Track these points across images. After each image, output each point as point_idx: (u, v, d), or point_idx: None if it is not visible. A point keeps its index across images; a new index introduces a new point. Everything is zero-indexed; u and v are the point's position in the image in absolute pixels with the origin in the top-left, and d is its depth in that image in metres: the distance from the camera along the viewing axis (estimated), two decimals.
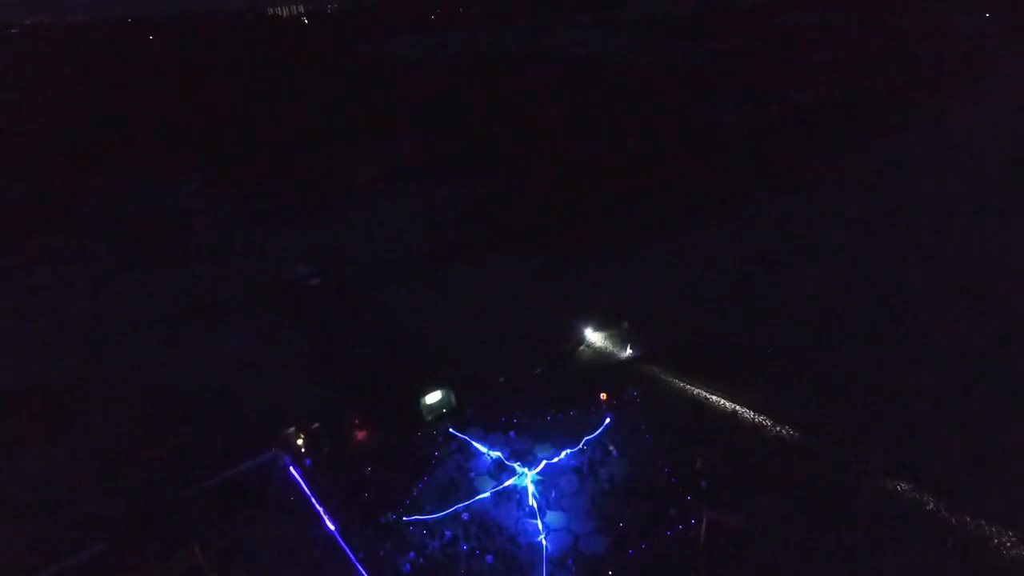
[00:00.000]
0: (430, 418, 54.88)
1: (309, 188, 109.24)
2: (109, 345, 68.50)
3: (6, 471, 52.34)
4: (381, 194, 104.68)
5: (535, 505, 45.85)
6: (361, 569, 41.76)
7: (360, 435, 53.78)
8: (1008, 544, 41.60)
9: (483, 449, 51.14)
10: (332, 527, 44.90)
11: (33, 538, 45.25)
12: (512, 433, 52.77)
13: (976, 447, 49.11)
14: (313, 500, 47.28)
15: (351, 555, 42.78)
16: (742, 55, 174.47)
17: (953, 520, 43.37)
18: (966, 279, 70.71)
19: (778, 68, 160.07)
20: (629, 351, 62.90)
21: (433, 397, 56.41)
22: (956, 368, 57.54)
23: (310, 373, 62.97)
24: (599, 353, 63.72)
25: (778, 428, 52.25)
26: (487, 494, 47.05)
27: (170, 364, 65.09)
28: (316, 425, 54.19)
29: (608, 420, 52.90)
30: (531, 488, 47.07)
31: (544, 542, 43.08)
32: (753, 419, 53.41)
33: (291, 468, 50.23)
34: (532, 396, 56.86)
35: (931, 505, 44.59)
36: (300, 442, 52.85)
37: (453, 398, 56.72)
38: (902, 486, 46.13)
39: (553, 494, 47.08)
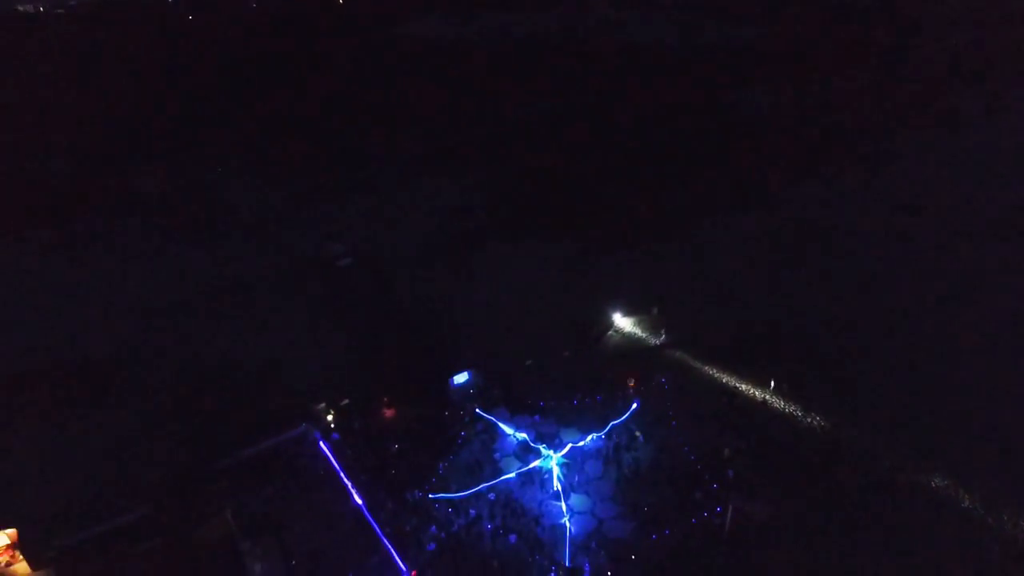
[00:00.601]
0: (457, 398, 55.38)
1: (343, 169, 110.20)
2: (149, 320, 70.53)
3: (54, 438, 54.57)
4: (414, 176, 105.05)
5: (559, 488, 46.12)
6: (387, 543, 42.62)
7: (388, 413, 54.60)
8: None
9: (509, 431, 51.51)
10: (359, 501, 45.84)
11: (78, 500, 47.24)
12: (538, 416, 52.99)
13: (1018, 445, 47.63)
14: (341, 474, 48.29)
15: (377, 529, 43.67)
16: (777, 38, 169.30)
17: (990, 520, 42.27)
18: (1005, 270, 68.17)
19: (814, 52, 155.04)
20: (659, 337, 62.40)
21: (461, 378, 56.95)
22: (996, 363, 55.72)
23: (341, 351, 63.97)
24: (628, 338, 63.36)
25: (809, 419, 51.44)
26: (512, 475, 47.46)
27: (206, 339, 66.79)
28: (346, 402, 55.18)
29: (635, 405, 52.71)
30: (556, 471, 47.32)
31: (568, 524, 43.36)
32: (784, 408, 52.64)
33: (321, 443, 51.32)
34: (559, 380, 56.92)
35: (967, 503, 43.52)
36: (330, 418, 53.92)
37: (480, 379, 57.15)
38: (937, 482, 45.08)
39: (578, 477, 47.28)
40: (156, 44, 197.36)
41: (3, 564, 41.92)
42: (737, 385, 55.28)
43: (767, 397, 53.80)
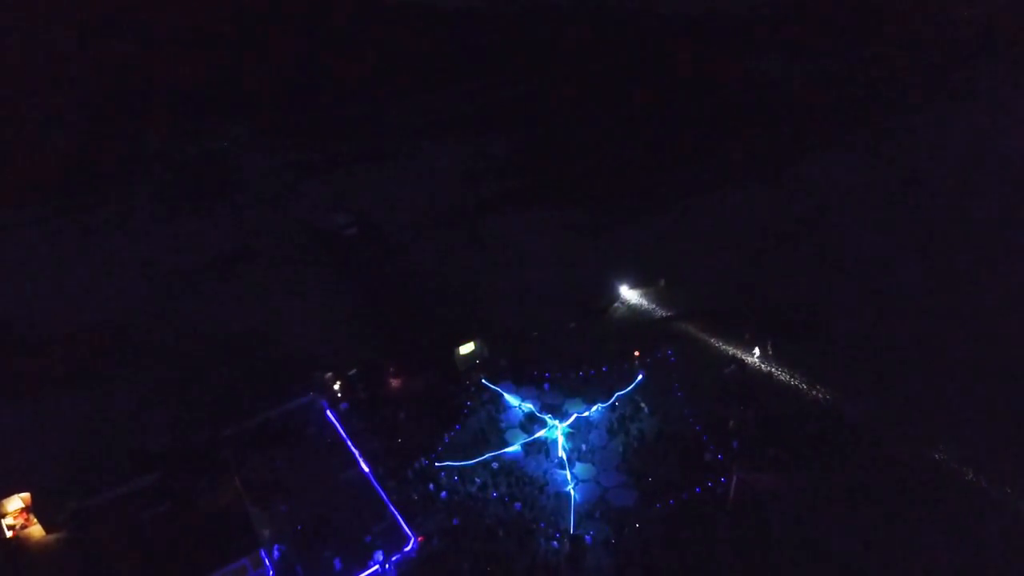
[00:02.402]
0: (464, 369, 55.55)
1: (351, 138, 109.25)
2: (160, 289, 70.81)
3: (69, 404, 55.22)
4: (421, 146, 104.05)
5: (564, 457, 46.45)
6: (393, 510, 43.19)
7: (395, 382, 54.88)
8: None
9: (515, 401, 51.74)
10: (366, 468, 46.35)
11: (93, 466, 48.01)
12: (545, 386, 53.16)
13: (1018, 419, 47.51)
14: (348, 442, 48.76)
15: (384, 496, 44.21)
16: (791, 7, 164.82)
17: (993, 493, 42.39)
18: (1004, 247, 67.21)
19: (829, 23, 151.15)
20: (665, 309, 62.16)
21: (467, 348, 57.00)
22: (997, 339, 55.32)
23: (348, 320, 64.14)
24: (634, 311, 63.17)
25: (814, 392, 51.41)
26: (517, 445, 47.79)
27: (216, 308, 67.05)
28: (353, 371, 55.46)
29: (640, 377, 52.76)
30: (561, 440, 47.62)
31: (572, 493, 43.76)
32: (789, 381, 52.61)
33: (328, 411, 51.74)
34: (565, 351, 56.97)
35: (969, 475, 43.62)
36: (337, 387, 54.25)
37: (487, 350, 57.23)
38: (940, 456, 45.14)
39: (583, 447, 47.59)
40: (164, 10, 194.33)
41: (18, 526, 42.78)
42: (742, 357, 55.16)
43: (765, 365, 53.84)
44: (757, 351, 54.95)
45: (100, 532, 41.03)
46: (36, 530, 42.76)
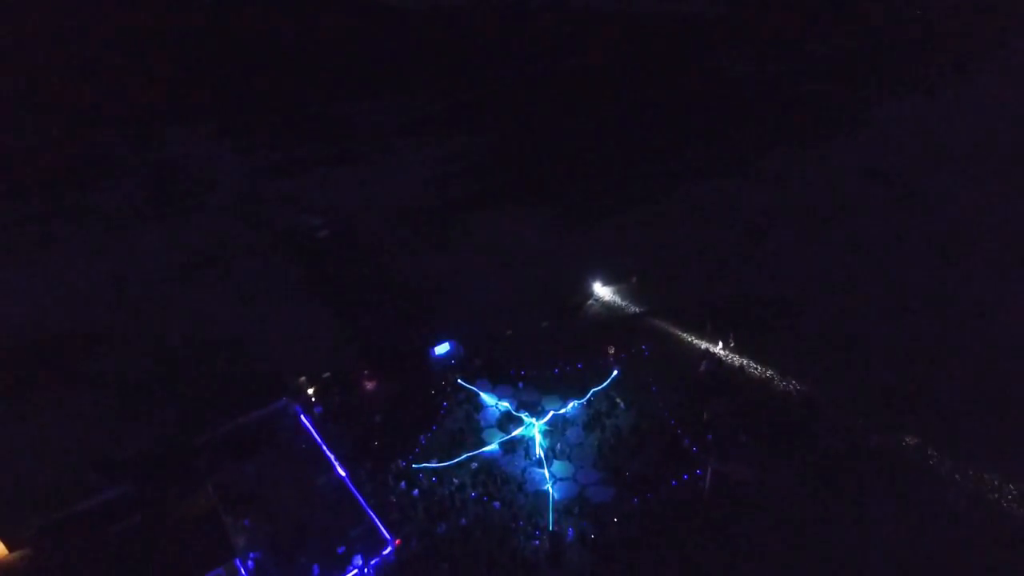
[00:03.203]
0: (439, 369, 55.31)
1: (321, 138, 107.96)
2: (127, 296, 69.12)
3: (33, 415, 53.54)
4: (392, 145, 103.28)
5: (542, 455, 46.55)
6: (371, 513, 42.80)
7: (370, 385, 54.41)
8: (1009, 498, 42.00)
9: (491, 400, 51.70)
10: (343, 473, 45.86)
11: (58, 478, 46.61)
12: (520, 384, 53.21)
13: (981, 404, 49.06)
14: (324, 447, 48.18)
15: (361, 500, 43.79)
16: (759, 4, 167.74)
17: (957, 476, 43.69)
18: (977, 238, 69.33)
19: (796, 18, 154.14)
20: (638, 305, 62.70)
21: (442, 348, 56.84)
22: (963, 329, 57.02)
23: (321, 324, 63.37)
24: (608, 307, 63.59)
25: (785, 383, 52.35)
26: (495, 444, 47.76)
27: (186, 313, 65.71)
28: (327, 375, 54.84)
29: (615, 373, 53.14)
30: (538, 438, 47.70)
31: (551, 490, 43.88)
32: (761, 374, 53.49)
33: (302, 416, 51.07)
34: (540, 349, 57.10)
35: (935, 460, 44.88)
36: (311, 391, 53.59)
37: (462, 350, 57.09)
38: (908, 442, 46.35)
39: (560, 445, 47.73)
40: (129, 14, 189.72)
41: None
42: (715, 351, 55.92)
43: (730, 357, 54.68)
44: (720, 344, 55.70)
45: (68, 548, 39.84)
46: None
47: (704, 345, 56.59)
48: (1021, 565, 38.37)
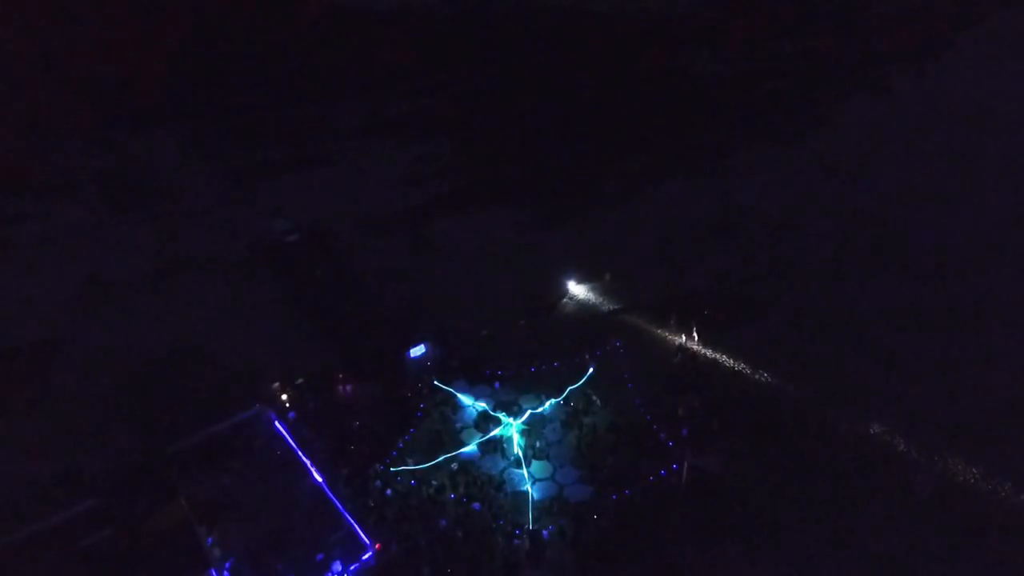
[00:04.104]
0: (415, 371, 55.02)
1: (287, 141, 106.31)
2: (86, 303, 67.20)
3: None
4: (362, 148, 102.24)
5: (520, 454, 46.66)
6: (349, 518, 42.41)
7: (345, 389, 53.86)
8: (972, 480, 43.53)
9: (468, 401, 51.63)
10: (319, 479, 45.33)
11: (21, 493, 45.08)
12: (496, 384, 53.25)
13: (943, 391, 50.70)
14: (299, 453, 47.56)
15: (339, 505, 43.36)
16: (720, 3, 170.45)
17: (922, 460, 45.09)
18: (935, 231, 71.50)
19: (756, 17, 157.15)
20: (612, 302, 63.27)
21: (417, 351, 56.56)
22: (924, 316, 58.82)
23: (293, 329, 62.51)
24: (582, 305, 64.01)
25: (757, 376, 53.36)
26: (473, 445, 47.73)
27: (150, 322, 64.14)
28: (300, 380, 54.14)
29: (591, 370, 53.52)
30: (516, 438, 47.82)
31: (530, 490, 44.03)
32: (733, 366, 54.43)
33: (276, 423, 50.31)
34: (516, 348, 57.20)
35: (903, 447, 46.24)
36: (284, 397, 52.84)
37: (437, 351, 56.89)
38: (875, 429, 47.67)
39: (538, 444, 47.92)
40: (87, 9, 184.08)
41: None
42: (688, 345, 56.73)
43: (699, 348, 55.61)
44: (685, 337, 56.66)
45: (33, 566, 38.62)
46: None
47: (677, 340, 57.35)
48: (984, 544, 39.77)
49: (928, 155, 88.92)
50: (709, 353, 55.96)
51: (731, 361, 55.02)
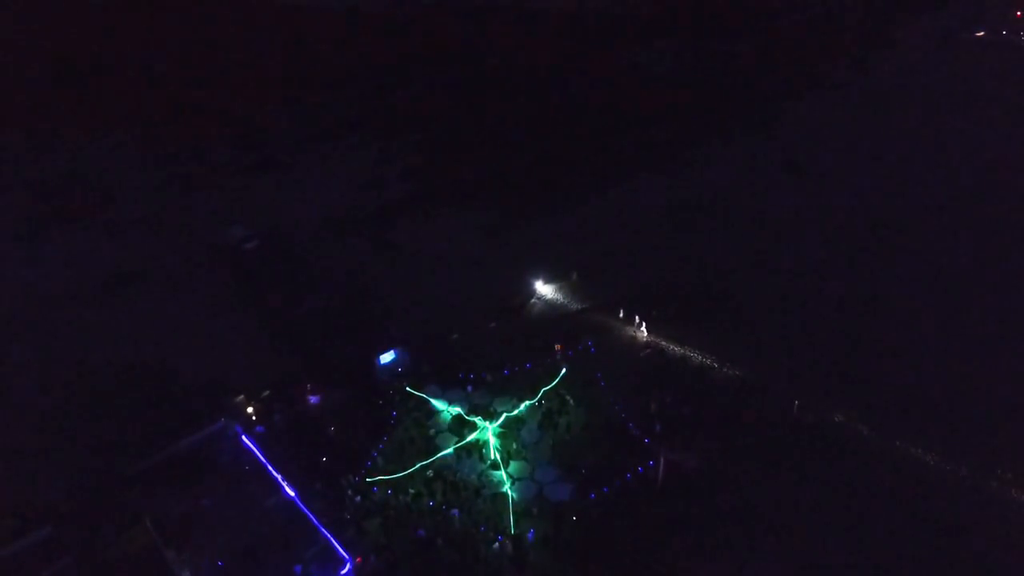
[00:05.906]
0: (386, 378, 54.08)
1: (239, 146, 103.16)
2: (35, 319, 63.80)
3: None
4: (318, 151, 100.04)
5: (498, 457, 46.35)
6: (325, 532, 41.37)
7: (313, 399, 52.52)
8: (931, 465, 45.38)
9: (442, 406, 51.01)
10: (292, 493, 44.07)
11: None
12: (470, 388, 52.76)
13: (904, 380, 52.67)
14: (269, 467, 46.14)
15: (314, 520, 42.24)
16: (677, 2, 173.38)
17: (884, 447, 46.73)
18: (889, 222, 74.30)
19: (711, 16, 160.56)
20: (580, 302, 63.52)
21: (387, 357, 55.61)
22: (888, 308, 60.98)
23: (256, 339, 60.67)
24: (551, 305, 64.07)
25: (724, 369, 54.38)
26: (449, 450, 47.16)
27: (103, 337, 61.30)
28: (266, 392, 52.57)
29: (564, 370, 53.59)
30: (493, 441, 47.47)
31: (510, 492, 43.74)
32: (701, 361, 55.33)
33: (243, 437, 48.71)
34: (487, 351, 56.83)
35: (866, 434, 47.81)
36: (250, 410, 51.21)
37: (408, 357, 56.06)
38: (839, 418, 49.16)
39: (515, 446, 47.68)
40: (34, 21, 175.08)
41: None
42: (657, 342, 57.42)
43: (677, 348, 56.60)
44: (648, 333, 57.73)
45: None
46: None
47: (644, 336, 57.97)
48: (944, 526, 41.46)
49: (879, 140, 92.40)
50: (676, 348, 56.75)
51: (699, 355, 55.90)
